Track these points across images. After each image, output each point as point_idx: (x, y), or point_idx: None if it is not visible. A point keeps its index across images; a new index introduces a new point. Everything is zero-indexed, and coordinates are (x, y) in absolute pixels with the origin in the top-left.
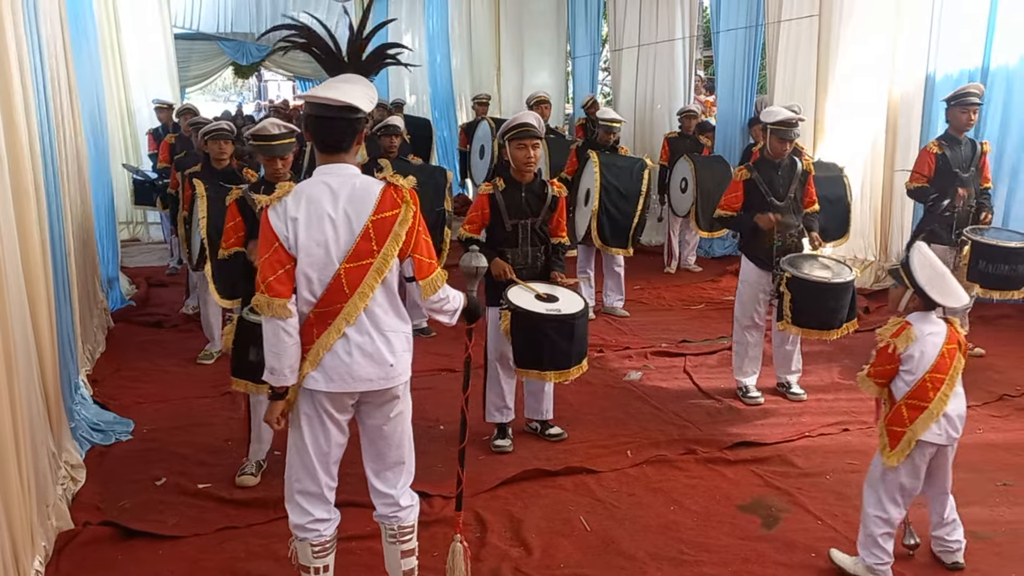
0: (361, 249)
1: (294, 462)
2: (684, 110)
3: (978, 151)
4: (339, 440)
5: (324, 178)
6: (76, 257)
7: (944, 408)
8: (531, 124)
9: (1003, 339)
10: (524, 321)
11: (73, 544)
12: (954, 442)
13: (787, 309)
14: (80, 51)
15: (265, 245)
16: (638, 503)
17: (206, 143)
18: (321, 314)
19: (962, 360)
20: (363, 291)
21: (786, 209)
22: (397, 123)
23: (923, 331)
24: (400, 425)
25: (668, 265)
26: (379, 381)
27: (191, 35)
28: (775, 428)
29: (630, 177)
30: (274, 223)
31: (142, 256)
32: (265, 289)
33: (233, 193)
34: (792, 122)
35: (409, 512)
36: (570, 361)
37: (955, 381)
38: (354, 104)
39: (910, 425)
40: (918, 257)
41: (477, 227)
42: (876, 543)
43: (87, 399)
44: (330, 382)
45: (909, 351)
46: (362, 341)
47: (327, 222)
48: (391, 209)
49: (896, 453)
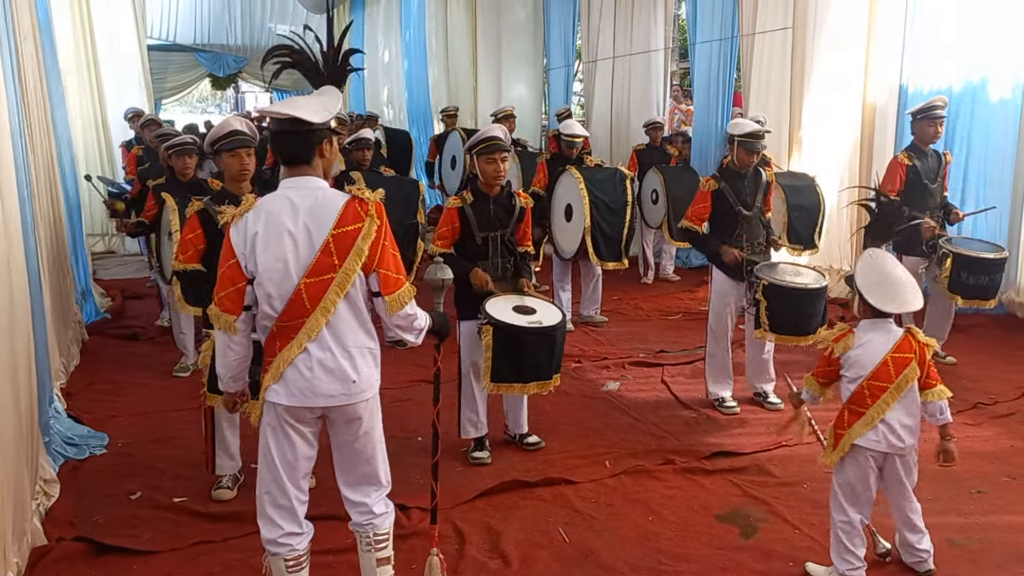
0: (321, 264)
1: (263, 475)
2: (650, 121)
3: (943, 162)
4: (306, 453)
5: (287, 192)
6: (49, 269)
7: (883, 416)
8: (499, 137)
9: (976, 347)
10: (506, 336)
11: (46, 560)
12: (901, 451)
13: (763, 316)
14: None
15: (223, 260)
16: (616, 514)
17: (170, 157)
18: (283, 328)
19: (916, 370)
20: (325, 306)
21: (753, 218)
22: (368, 136)
23: (865, 338)
24: (369, 442)
25: (644, 275)
26: (340, 397)
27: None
28: (752, 438)
29: (614, 189)
30: (234, 240)
31: (117, 268)
32: (216, 303)
33: (193, 205)
34: (759, 134)
35: (384, 519)
36: (551, 371)
37: (901, 390)
38: (300, 117)
39: (848, 429)
40: (863, 262)
41: (448, 242)
42: (845, 548)
43: (61, 413)
44: (291, 396)
45: (847, 356)
46: (323, 357)
47: (286, 237)
48: (353, 223)
49: (835, 454)
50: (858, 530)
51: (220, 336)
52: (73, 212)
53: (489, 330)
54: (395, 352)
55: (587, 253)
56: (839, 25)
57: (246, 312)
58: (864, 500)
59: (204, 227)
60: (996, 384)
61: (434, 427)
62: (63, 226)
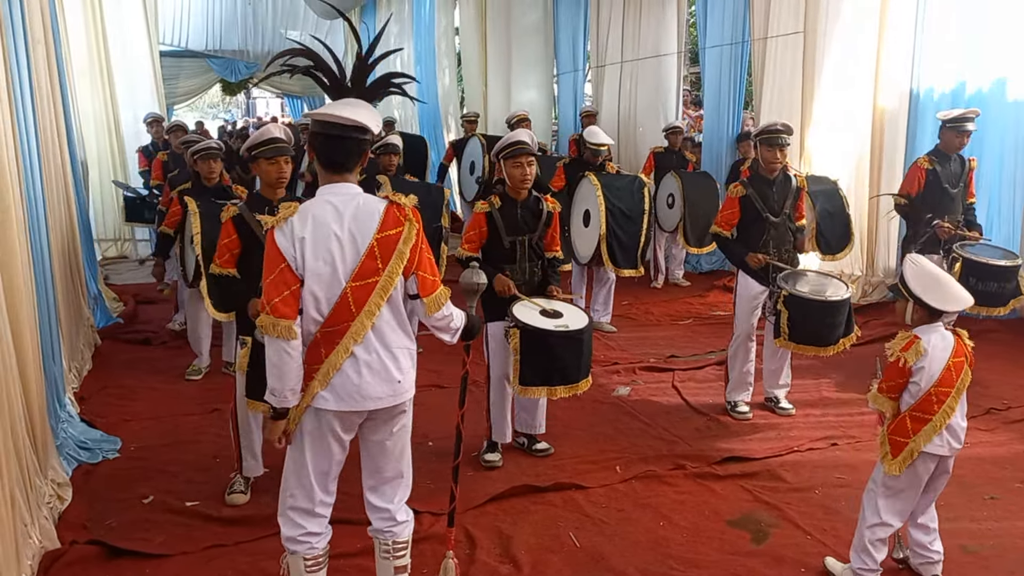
0: (366, 267)
1: (291, 479)
2: (670, 126)
3: (966, 167)
4: (339, 458)
5: (328, 197)
6: (61, 274)
7: (948, 421)
8: (526, 142)
9: (989, 353)
10: (534, 338)
11: (59, 563)
12: (956, 453)
13: (784, 326)
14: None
15: (271, 266)
16: (627, 519)
17: (196, 162)
18: (328, 333)
19: (969, 373)
20: (369, 309)
21: (781, 225)
22: (396, 142)
23: (930, 343)
24: (402, 439)
25: (655, 280)
26: (388, 399)
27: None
28: (764, 443)
29: (631, 197)
30: (280, 244)
31: (130, 273)
32: (270, 310)
33: (229, 210)
34: (776, 128)
35: (404, 527)
36: (579, 375)
37: (960, 394)
38: (364, 124)
39: (913, 437)
40: (911, 268)
41: (476, 246)
42: (867, 549)
43: (74, 417)
44: (340, 401)
45: (918, 364)
46: (370, 359)
47: (333, 241)
48: (395, 227)
49: (897, 462)
50: (886, 537)
51: (275, 344)
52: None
53: (516, 333)
54: None
55: (602, 259)
56: (850, 29)
57: (300, 315)
58: (909, 505)
59: (239, 232)
60: (1009, 389)
61: (458, 430)
62: (76, 231)
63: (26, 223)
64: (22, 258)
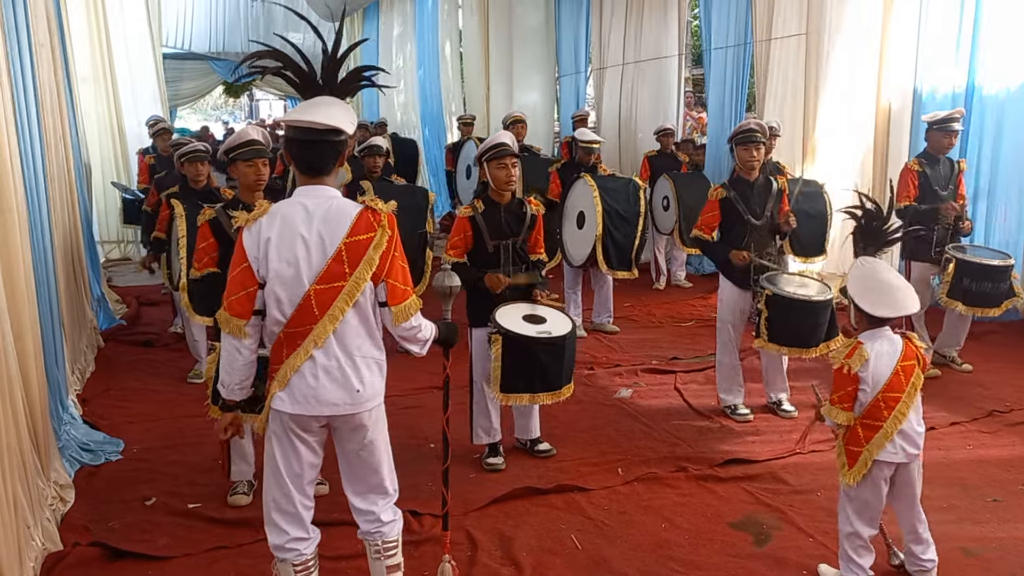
0: (332, 271)
1: (269, 482)
2: (661, 128)
3: (955, 169)
4: (311, 460)
5: (301, 199)
6: (65, 276)
7: (899, 426)
8: (507, 143)
9: (990, 355)
10: (515, 345)
11: (61, 565)
12: (914, 458)
13: (763, 326)
14: None
15: (235, 264)
16: (629, 521)
17: (183, 165)
18: (290, 335)
19: (921, 376)
20: (333, 313)
21: (763, 227)
22: (380, 143)
23: (874, 349)
24: (375, 452)
25: (657, 281)
26: (345, 406)
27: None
28: (765, 445)
29: (627, 199)
30: (247, 243)
31: (132, 275)
32: (226, 307)
33: (205, 213)
34: (750, 127)
35: (392, 526)
36: (561, 381)
37: (912, 398)
38: (338, 127)
39: (866, 445)
40: (854, 270)
41: (461, 251)
42: (851, 559)
43: (76, 419)
44: (295, 404)
45: (863, 371)
46: (329, 365)
47: (299, 242)
48: (366, 232)
49: (853, 473)
50: (866, 542)
51: (228, 341)
52: (88, 219)
53: (498, 339)
54: (405, 359)
55: (597, 261)
56: (853, 30)
57: (255, 316)
58: (876, 513)
59: (216, 235)
60: (1012, 391)
61: (444, 434)
62: (79, 233)
63: (29, 225)
64: (24, 260)
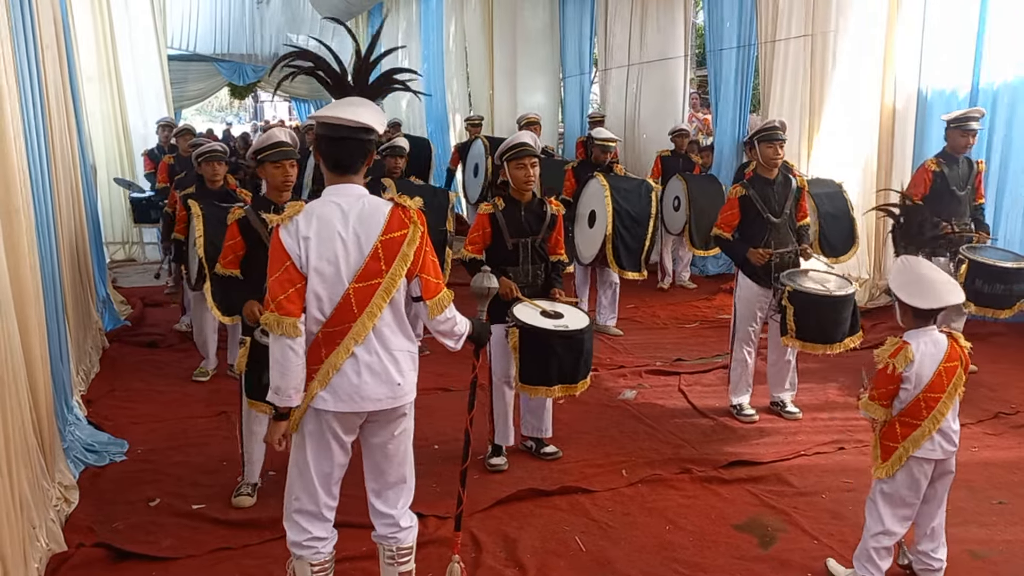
0: (370, 269)
1: (294, 481)
2: (676, 129)
3: (974, 169)
4: (341, 460)
5: (333, 198)
6: (70, 277)
7: (938, 426)
8: (528, 143)
9: (995, 356)
10: (532, 338)
11: (66, 566)
12: (951, 455)
13: (790, 323)
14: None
15: (275, 264)
16: (633, 523)
17: (200, 165)
18: (329, 334)
19: (963, 377)
20: (371, 310)
21: (782, 226)
22: (403, 144)
23: (919, 349)
24: (403, 443)
25: (661, 282)
26: (387, 400)
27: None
28: (770, 447)
29: (639, 200)
30: (286, 242)
31: (137, 276)
32: (275, 308)
33: (235, 212)
34: (774, 124)
35: (408, 533)
36: (577, 376)
37: (952, 399)
38: (370, 125)
39: (902, 442)
40: (895, 268)
41: (479, 247)
42: (871, 558)
43: (81, 420)
44: (339, 402)
45: (907, 371)
46: (370, 360)
47: (338, 241)
48: (399, 229)
49: (887, 466)
50: (891, 545)
51: (280, 343)
52: (94, 220)
53: (515, 332)
54: None
55: (606, 260)
56: (858, 32)
57: (304, 313)
58: (911, 511)
59: (244, 235)
60: (1018, 393)
61: (467, 434)
62: (85, 234)
63: (35, 226)
64: (31, 261)
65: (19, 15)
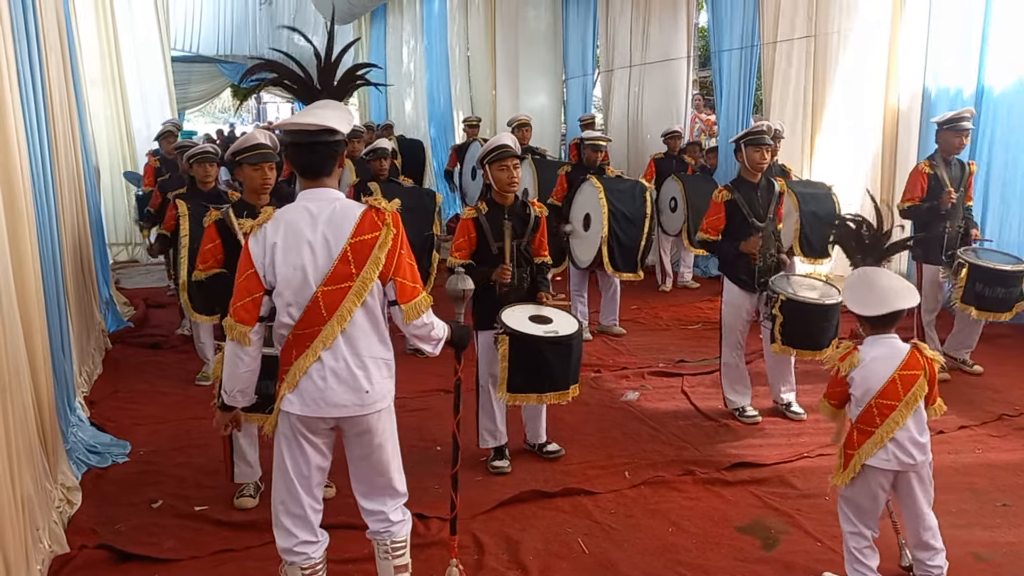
0: (339, 272)
1: (278, 485)
2: (668, 131)
3: (966, 171)
4: (319, 463)
5: (305, 203)
6: (74, 279)
7: (892, 434)
8: (509, 145)
9: (1001, 358)
10: (522, 345)
11: (68, 568)
12: (910, 468)
13: (777, 332)
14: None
15: (240, 270)
16: (636, 525)
17: (191, 166)
18: (299, 336)
19: (924, 388)
20: (341, 314)
21: (766, 229)
22: (385, 146)
23: (868, 356)
24: (383, 455)
25: (663, 283)
26: (354, 407)
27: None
28: (773, 449)
29: (633, 201)
30: (252, 250)
31: (140, 277)
32: (232, 313)
33: (211, 215)
34: (761, 128)
35: (401, 526)
36: (568, 381)
37: (910, 408)
38: (331, 126)
39: (857, 449)
40: (849, 279)
41: (466, 253)
42: (857, 559)
43: (84, 421)
44: (304, 406)
45: (853, 375)
46: (336, 366)
47: (305, 246)
48: (370, 232)
49: (844, 475)
50: (870, 542)
51: (231, 347)
52: (97, 222)
53: (505, 339)
54: (414, 361)
55: (603, 263)
56: (860, 32)
57: (260, 323)
58: (872, 518)
59: (222, 237)
60: (1021, 395)
61: (454, 437)
62: (89, 236)
63: (38, 228)
64: (34, 262)
65: (22, 18)
